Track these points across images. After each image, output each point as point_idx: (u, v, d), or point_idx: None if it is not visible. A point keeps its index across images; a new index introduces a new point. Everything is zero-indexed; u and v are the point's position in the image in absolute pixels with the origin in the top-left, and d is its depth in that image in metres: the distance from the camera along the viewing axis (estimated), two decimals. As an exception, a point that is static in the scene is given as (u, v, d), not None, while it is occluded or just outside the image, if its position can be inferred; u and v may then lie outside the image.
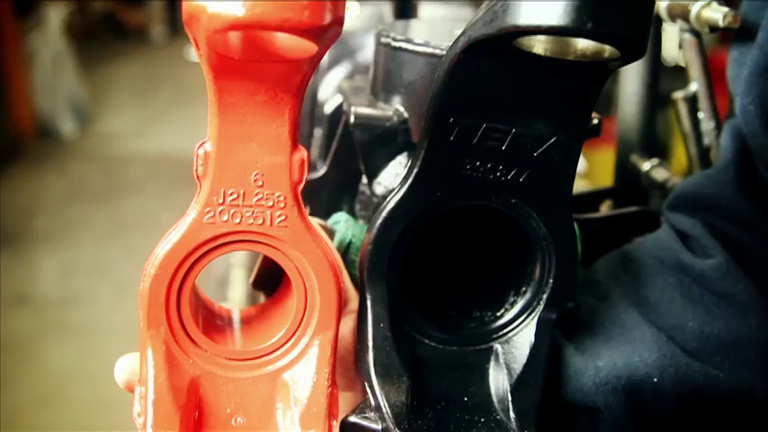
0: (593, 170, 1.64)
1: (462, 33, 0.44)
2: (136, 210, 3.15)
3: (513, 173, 0.49)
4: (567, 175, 0.49)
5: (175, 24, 5.68)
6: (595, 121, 0.60)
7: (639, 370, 0.52)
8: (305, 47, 0.41)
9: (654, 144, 0.90)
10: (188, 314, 0.46)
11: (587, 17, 0.39)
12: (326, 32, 0.39)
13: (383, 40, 0.60)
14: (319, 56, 0.42)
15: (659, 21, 0.76)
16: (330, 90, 0.87)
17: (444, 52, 0.51)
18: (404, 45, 0.57)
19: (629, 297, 0.56)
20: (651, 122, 0.90)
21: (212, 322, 0.51)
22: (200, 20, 0.38)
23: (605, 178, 1.02)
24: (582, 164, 1.68)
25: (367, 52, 0.86)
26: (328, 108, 0.73)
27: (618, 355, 0.52)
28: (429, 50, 0.56)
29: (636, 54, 0.43)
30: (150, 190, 3.33)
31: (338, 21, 0.39)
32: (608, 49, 0.44)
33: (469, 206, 0.50)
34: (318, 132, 0.84)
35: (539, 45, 0.45)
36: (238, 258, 1.54)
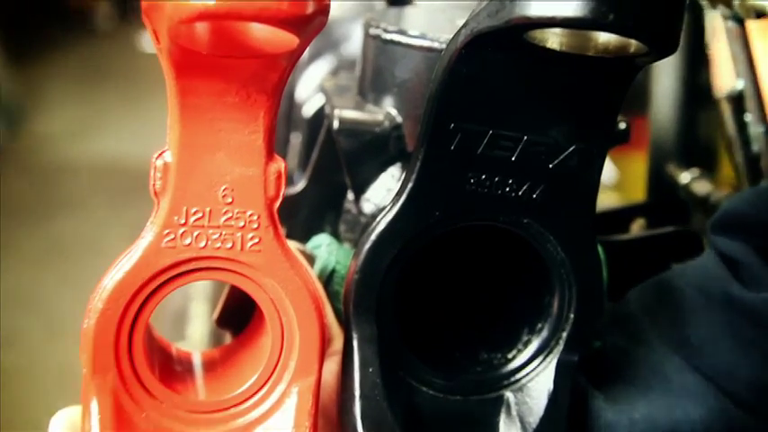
0: (624, 181, 1.64)
1: (464, 25, 0.45)
2: (75, 230, 3.13)
3: (524, 188, 0.50)
4: (588, 189, 0.51)
5: (125, 6, 5.68)
6: (622, 126, 0.61)
7: (683, 427, 0.52)
8: (284, 40, 0.42)
9: (695, 150, 0.91)
10: (141, 358, 0.47)
11: (609, 7, 0.40)
12: (310, 23, 0.40)
13: (373, 31, 0.61)
14: (300, 50, 0.43)
15: (699, 6, 0.77)
16: (310, 89, 0.88)
17: (444, 46, 0.52)
18: (397, 37, 0.59)
19: (669, 338, 0.57)
20: (691, 124, 0.91)
21: (169, 368, 0.52)
22: (162, 9, 0.39)
23: (638, 191, 1.03)
24: (611, 173, 1.68)
25: (353, 44, 0.87)
26: (308, 110, 0.74)
27: (657, 409, 0.53)
28: (426, 44, 0.57)
29: (666, 50, 0.44)
30: (94, 206, 3.32)
31: (323, 10, 0.41)
32: (634, 43, 0.45)
33: (474, 227, 0.51)
34: (296, 139, 0.85)
35: (553, 39, 0.46)
36: (199, 289, 1.54)
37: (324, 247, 0.60)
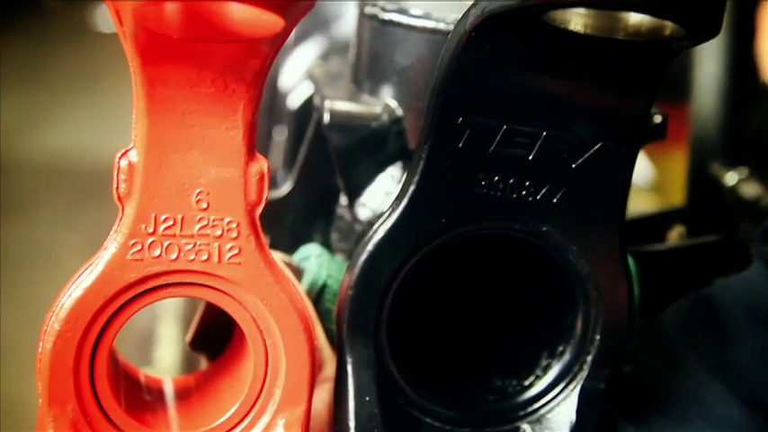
0: (661, 182, 1.64)
1: (474, 4, 0.46)
2: (22, 237, 3.13)
3: (543, 191, 0.51)
4: (617, 193, 0.52)
5: (77, -23, 5.66)
6: (657, 120, 0.62)
7: None
8: (267, 22, 0.43)
9: (742, 147, 0.92)
10: (105, 386, 0.48)
11: (640, -16, 0.41)
12: (296, 3, 0.41)
13: (369, 9, 0.62)
14: (285, 34, 0.44)
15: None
16: (296, 76, 0.88)
17: (451, 28, 0.53)
18: (396, 17, 0.59)
19: (710, 362, 0.58)
20: (738, 116, 0.91)
21: (137, 397, 0.52)
22: None
23: (677, 193, 1.03)
24: (646, 172, 1.69)
25: (347, 24, 0.88)
26: (294, 101, 0.74)
27: None
28: (430, 25, 0.58)
29: (707, 33, 0.45)
30: (43, 209, 3.31)
31: None
32: (670, 25, 0.46)
33: (486, 236, 0.52)
34: (280, 134, 0.85)
35: (577, 20, 0.47)
36: (168, 306, 1.54)
37: (313, 258, 0.60)
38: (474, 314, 0.59)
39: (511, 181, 0.50)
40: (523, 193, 0.51)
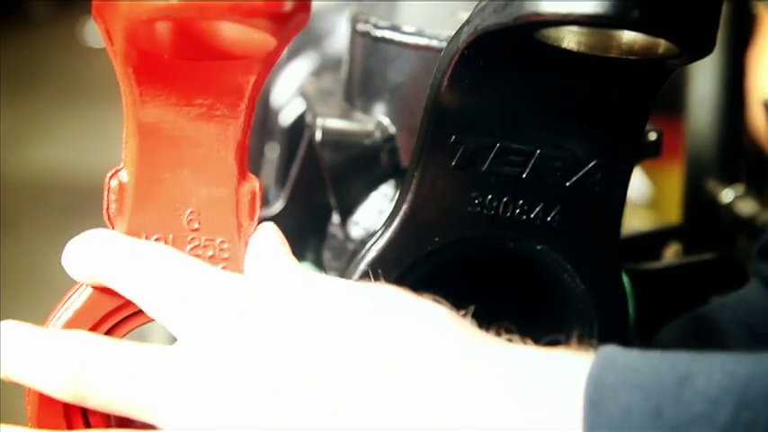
0: (657, 198, 1.65)
1: (468, 21, 0.47)
2: (10, 255, 3.12)
3: (538, 209, 0.51)
4: (612, 211, 0.52)
5: (66, -9, 5.67)
6: (652, 137, 0.62)
7: None
8: (259, 40, 0.43)
9: (739, 163, 0.92)
10: (97, 416, 0.47)
11: (633, 2, 0.41)
12: (288, 22, 0.42)
13: (361, 26, 0.62)
14: (278, 52, 0.44)
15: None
16: (288, 92, 0.88)
17: (444, 45, 0.53)
18: (389, 34, 0.60)
19: None
20: (734, 132, 0.92)
21: (128, 421, 0.52)
22: (117, 6, 0.40)
23: (672, 210, 1.04)
24: (643, 188, 1.69)
25: (339, 40, 0.88)
26: (285, 118, 0.75)
27: None
28: (423, 42, 0.59)
29: (701, 50, 0.45)
30: (33, 226, 3.31)
31: (304, 6, 0.42)
32: (663, 43, 0.47)
33: (479, 255, 0.53)
34: (272, 152, 0.85)
35: (570, 38, 0.48)
36: (158, 326, 1.53)
37: (305, 278, 0.60)
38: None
39: (504, 199, 0.51)
40: (517, 211, 0.51)
